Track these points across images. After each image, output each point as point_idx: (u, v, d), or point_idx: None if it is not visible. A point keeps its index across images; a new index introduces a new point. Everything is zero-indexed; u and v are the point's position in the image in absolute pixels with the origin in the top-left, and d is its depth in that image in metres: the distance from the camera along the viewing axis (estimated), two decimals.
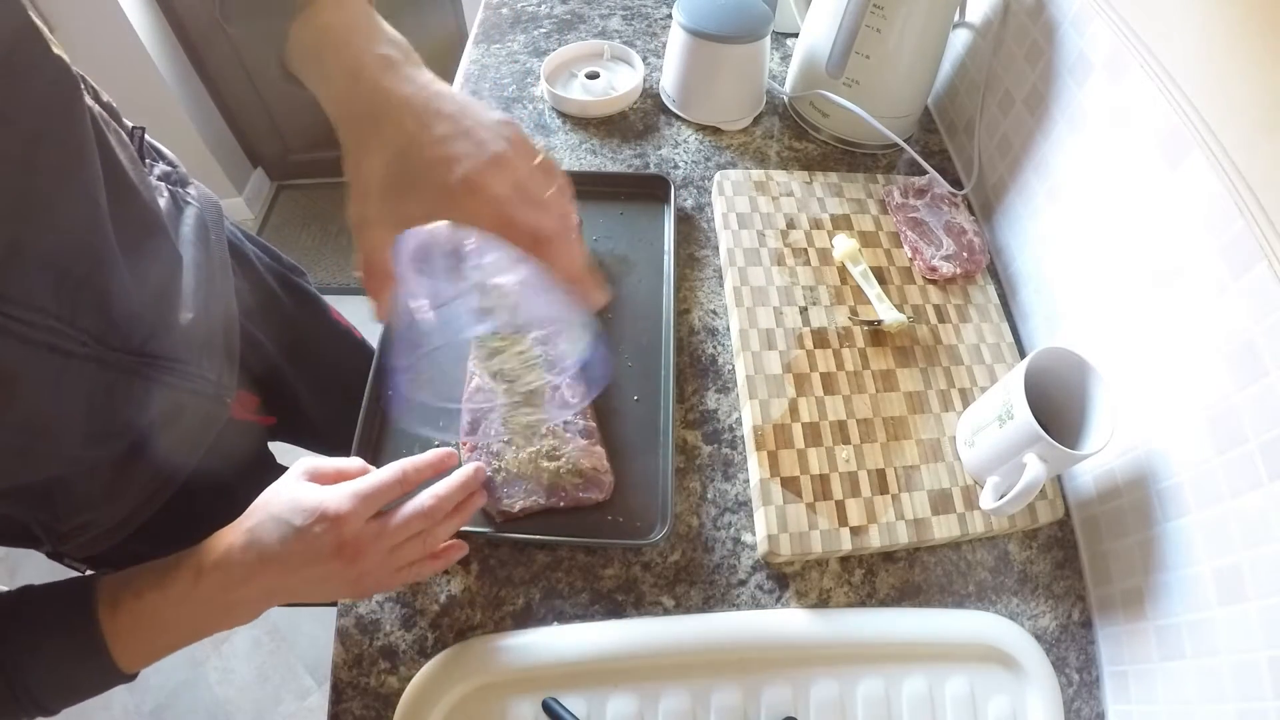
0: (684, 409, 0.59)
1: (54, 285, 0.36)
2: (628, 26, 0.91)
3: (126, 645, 0.37)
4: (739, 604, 0.51)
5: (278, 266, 0.71)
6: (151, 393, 0.45)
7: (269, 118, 1.93)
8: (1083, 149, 0.58)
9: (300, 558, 0.39)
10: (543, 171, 0.37)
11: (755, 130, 0.80)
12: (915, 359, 0.60)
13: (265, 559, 0.39)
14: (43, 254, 0.35)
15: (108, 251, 0.39)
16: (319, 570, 0.40)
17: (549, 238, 0.35)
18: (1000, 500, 0.48)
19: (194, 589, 0.38)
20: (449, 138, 0.34)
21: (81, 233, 0.38)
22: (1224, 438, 0.42)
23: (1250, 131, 0.42)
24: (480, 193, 0.34)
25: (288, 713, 1.31)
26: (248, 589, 0.39)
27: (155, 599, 0.38)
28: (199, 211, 0.54)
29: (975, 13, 0.75)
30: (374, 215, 0.35)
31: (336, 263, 1.99)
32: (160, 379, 0.46)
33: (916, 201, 0.69)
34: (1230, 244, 0.42)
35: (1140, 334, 0.50)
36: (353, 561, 0.40)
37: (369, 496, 0.41)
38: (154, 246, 0.46)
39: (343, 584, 0.42)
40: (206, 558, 0.39)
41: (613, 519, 0.52)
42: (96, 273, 0.39)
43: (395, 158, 0.34)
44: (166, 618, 0.39)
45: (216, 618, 0.40)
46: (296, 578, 0.40)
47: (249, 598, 0.40)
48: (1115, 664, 0.50)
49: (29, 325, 0.35)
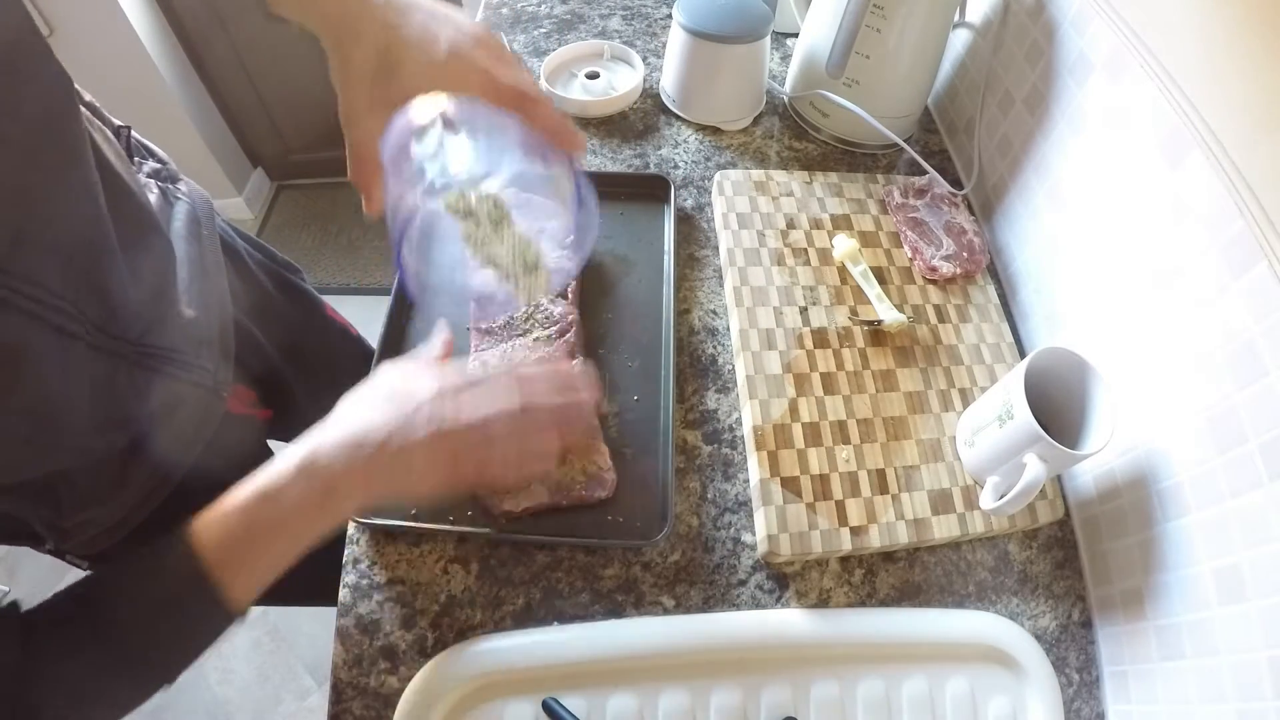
0: (684, 409, 0.59)
1: (60, 270, 0.36)
2: (628, 26, 0.91)
3: (229, 564, 0.35)
4: (739, 604, 0.51)
5: (271, 264, 0.71)
6: (151, 383, 0.45)
7: (269, 118, 1.93)
8: (1083, 149, 0.58)
9: (387, 433, 0.38)
10: (513, 54, 0.42)
11: (755, 130, 0.80)
12: (915, 359, 0.60)
13: (353, 443, 0.38)
14: (47, 243, 0.35)
15: (107, 245, 0.40)
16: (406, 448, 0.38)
17: (531, 96, 0.39)
18: (1000, 500, 0.48)
19: (286, 486, 0.37)
20: (428, 24, 0.38)
21: (82, 226, 0.38)
22: (1224, 438, 0.42)
23: (1250, 131, 0.42)
24: (466, 60, 0.38)
25: (288, 713, 1.31)
26: (341, 481, 0.37)
27: (249, 504, 0.36)
28: (190, 207, 0.54)
29: (975, 13, 0.75)
30: (362, 105, 0.38)
31: (336, 263, 1.99)
32: (159, 369, 0.46)
33: (916, 201, 0.69)
34: (1230, 244, 0.42)
35: (1140, 334, 0.50)
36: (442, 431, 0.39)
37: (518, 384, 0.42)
38: (148, 242, 0.46)
39: (435, 464, 0.39)
40: (292, 456, 0.38)
41: (613, 519, 0.52)
42: (97, 265, 0.39)
43: (381, 48, 0.37)
44: (263, 524, 0.37)
45: (314, 519, 0.38)
46: (387, 461, 0.38)
47: (343, 490, 0.38)
48: (1115, 664, 0.50)
49: (36, 302, 0.35)
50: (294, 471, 0.37)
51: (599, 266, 0.66)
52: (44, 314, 0.36)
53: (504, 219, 0.43)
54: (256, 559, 0.37)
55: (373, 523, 0.51)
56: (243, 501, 0.36)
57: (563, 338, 0.57)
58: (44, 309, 0.36)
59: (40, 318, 0.35)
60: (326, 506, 0.38)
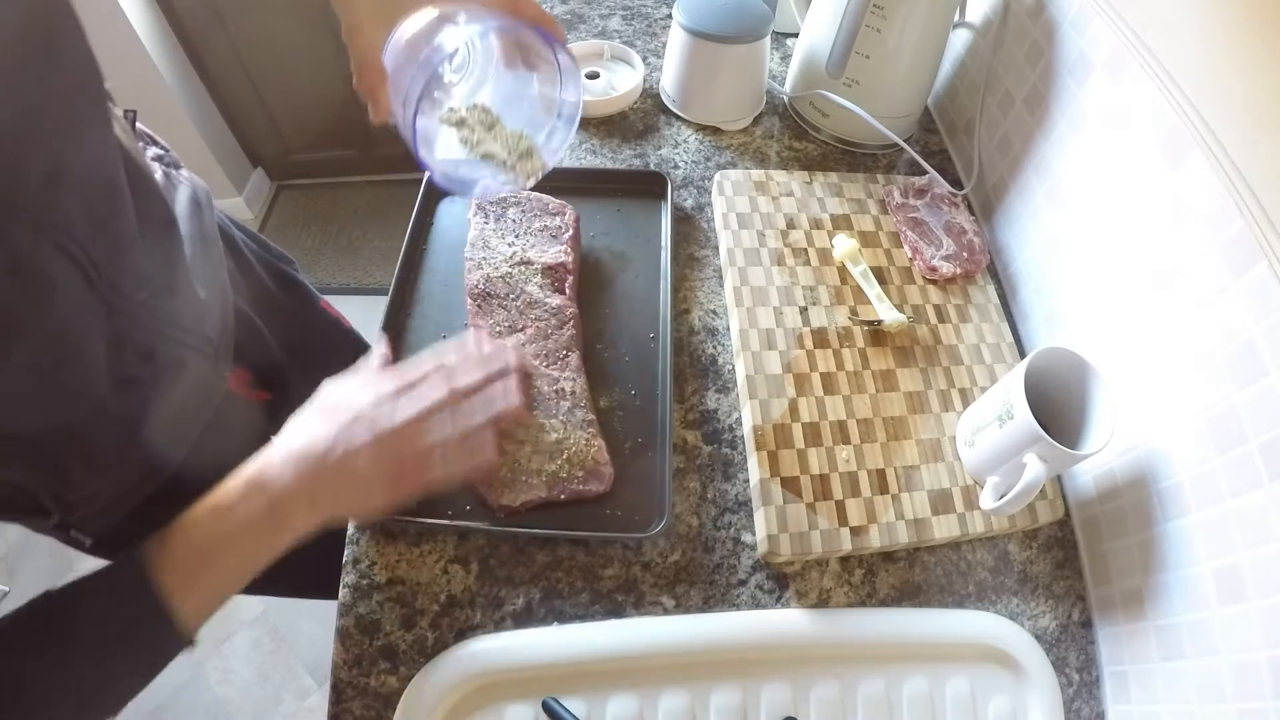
0: (684, 409, 0.59)
1: (83, 218, 0.38)
2: (628, 26, 0.91)
3: (181, 585, 0.37)
4: (739, 604, 0.51)
5: (266, 255, 0.72)
6: (156, 347, 0.47)
7: (269, 118, 1.93)
8: (1083, 149, 0.58)
9: (329, 444, 0.40)
10: None
11: (755, 130, 0.80)
12: (915, 359, 0.60)
13: (297, 457, 0.40)
14: (76, 185, 0.38)
15: (123, 205, 0.43)
16: (348, 456, 0.40)
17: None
18: (1000, 500, 0.48)
19: (236, 502, 0.38)
20: None
21: (104, 183, 0.41)
22: (1224, 438, 0.42)
23: (1250, 131, 0.42)
24: None
25: (288, 713, 1.31)
26: (288, 495, 0.39)
27: (201, 519, 0.38)
28: (192, 190, 0.56)
29: (975, 13, 0.75)
30: (364, 18, 0.41)
31: (336, 263, 1.99)
32: (164, 333, 0.48)
33: (916, 201, 0.69)
34: (1230, 244, 0.42)
35: (1140, 334, 0.50)
36: (381, 436, 0.41)
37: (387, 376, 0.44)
38: (155, 213, 0.49)
39: (379, 471, 0.41)
40: (242, 473, 0.40)
41: (611, 513, 0.52)
42: (114, 221, 0.42)
43: None
44: (214, 540, 0.38)
45: (263, 536, 0.39)
46: (331, 472, 0.40)
47: (291, 505, 0.39)
48: (1115, 664, 0.50)
49: (65, 238, 0.37)
50: (243, 487, 0.39)
51: (596, 262, 0.66)
52: (69, 248, 0.37)
53: (495, 122, 0.51)
54: (209, 577, 0.38)
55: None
56: (195, 517, 0.38)
57: (560, 330, 0.57)
58: (70, 243, 0.37)
59: (66, 251, 0.37)
60: (274, 523, 0.39)
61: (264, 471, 0.40)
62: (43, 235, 0.36)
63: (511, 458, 0.52)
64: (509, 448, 0.52)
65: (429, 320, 0.61)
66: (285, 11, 1.63)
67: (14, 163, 0.34)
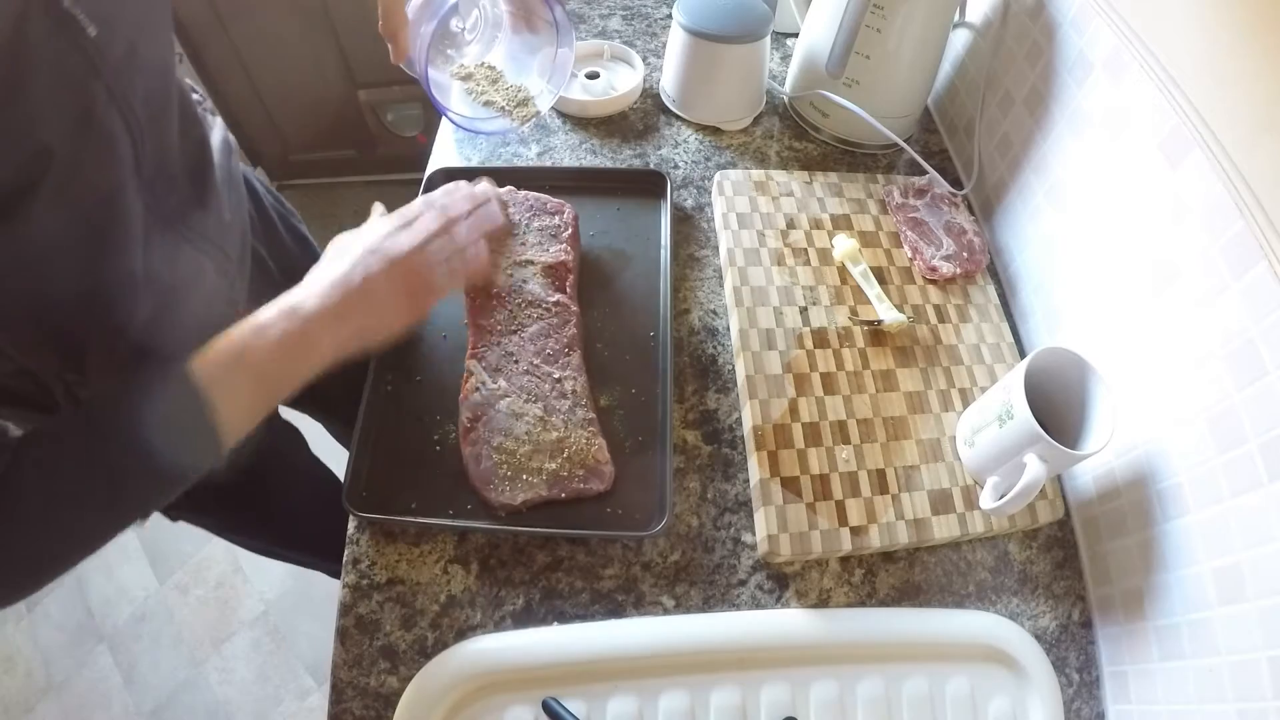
0: (684, 409, 0.59)
1: (144, 98, 0.41)
2: (628, 26, 0.91)
3: (218, 381, 0.39)
4: (739, 604, 0.51)
5: (280, 207, 0.76)
6: (180, 250, 0.50)
7: (269, 118, 1.92)
8: (1083, 149, 0.58)
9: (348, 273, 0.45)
10: None
11: (755, 130, 0.80)
12: (915, 359, 0.60)
13: (325, 286, 0.44)
14: (142, 70, 0.41)
15: (171, 106, 0.47)
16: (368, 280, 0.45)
17: None
18: (1000, 500, 0.48)
19: (273, 322, 0.42)
20: None
21: (162, 77, 0.45)
22: (1224, 438, 0.42)
23: (1250, 131, 0.42)
24: None
25: (288, 713, 1.31)
26: (317, 316, 0.43)
27: (239, 334, 0.41)
28: (223, 133, 0.60)
29: (975, 13, 0.75)
30: None
31: None
32: (190, 239, 0.51)
33: (916, 201, 0.69)
34: (1230, 244, 0.42)
35: (1140, 334, 0.50)
36: (393, 259, 0.46)
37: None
38: (194, 132, 0.53)
39: (395, 289, 0.46)
40: (276, 302, 0.44)
41: (612, 512, 0.52)
42: (163, 116, 0.45)
43: None
44: (251, 350, 0.41)
45: (296, 352, 0.43)
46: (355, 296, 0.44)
47: (320, 325, 0.43)
48: (1115, 664, 0.50)
49: (129, 111, 0.40)
50: (276, 312, 0.43)
51: (596, 261, 0.66)
52: (131, 125, 0.41)
53: (498, 77, 0.64)
54: (245, 386, 0.41)
55: (372, 517, 0.51)
56: (235, 335, 0.42)
57: (561, 329, 0.57)
58: (134, 125, 0.41)
59: (129, 127, 0.40)
60: (305, 341, 0.43)
61: (296, 299, 0.44)
62: (113, 101, 0.39)
63: (513, 456, 0.52)
64: (510, 445, 0.52)
65: (430, 318, 0.61)
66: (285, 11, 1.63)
67: (108, 29, 0.37)
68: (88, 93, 0.37)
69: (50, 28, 0.35)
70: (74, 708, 1.25)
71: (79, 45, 0.36)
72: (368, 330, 0.46)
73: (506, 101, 0.64)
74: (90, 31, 0.36)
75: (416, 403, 0.57)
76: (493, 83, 0.63)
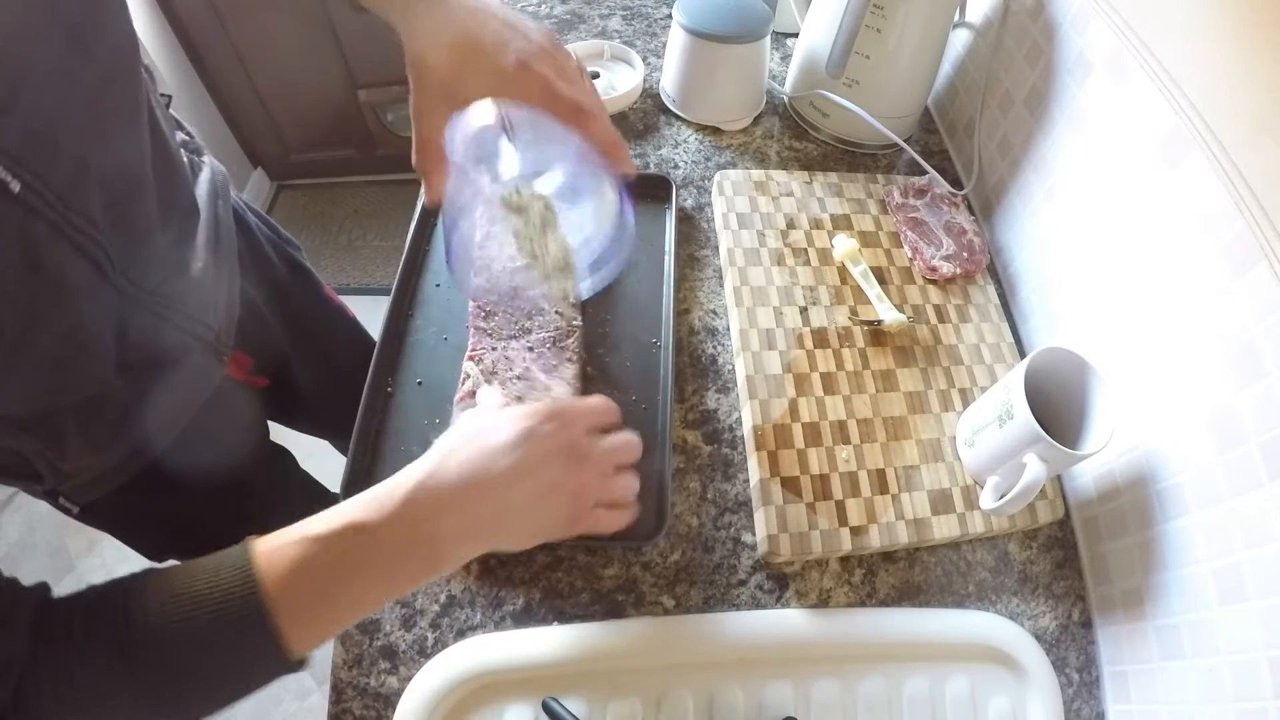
0: (684, 409, 0.59)
1: (104, 208, 0.40)
2: (628, 26, 0.91)
3: (292, 602, 0.32)
4: (739, 604, 0.51)
5: (276, 239, 0.74)
6: (161, 331, 0.48)
7: (269, 118, 1.92)
8: (1083, 149, 0.58)
9: (521, 465, 0.37)
10: (576, 66, 0.44)
11: (755, 130, 0.80)
12: (915, 359, 0.60)
13: (468, 478, 0.36)
14: (101, 179, 0.39)
15: (146, 193, 0.44)
16: (541, 479, 0.38)
17: (588, 111, 0.41)
18: (1000, 500, 0.48)
19: (381, 525, 0.34)
20: (501, 31, 0.40)
21: (131, 168, 0.43)
22: (1224, 438, 0.42)
23: (1250, 131, 0.42)
24: (531, 71, 0.40)
25: (288, 713, 1.31)
26: (447, 518, 0.35)
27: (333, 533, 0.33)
28: (212, 175, 0.58)
29: (975, 13, 0.75)
30: (433, 101, 0.41)
31: (337, 263, 1.99)
32: (168, 319, 0.49)
33: (916, 201, 0.69)
34: (1230, 244, 0.42)
35: (1140, 334, 0.50)
36: (579, 466, 0.39)
37: (586, 407, 0.42)
38: (177, 196, 0.50)
39: (561, 498, 0.39)
40: (387, 492, 0.35)
41: None
42: (135, 207, 0.43)
43: (455, 51, 0.40)
44: (345, 557, 0.33)
45: (406, 564, 0.35)
46: (512, 493, 0.37)
47: (447, 531, 0.35)
48: (1115, 664, 0.50)
49: (83, 235, 0.38)
50: (398, 503, 0.34)
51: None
52: (86, 247, 0.39)
53: (552, 221, 0.44)
54: (327, 602, 0.34)
55: None
56: (326, 530, 0.33)
57: (563, 341, 0.57)
58: (87, 242, 0.39)
59: (83, 250, 0.38)
60: (423, 559, 0.36)
61: (416, 492, 0.36)
62: (59, 234, 0.36)
63: None
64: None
65: (430, 322, 0.61)
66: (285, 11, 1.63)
67: (44, 161, 0.34)
68: (27, 239, 0.34)
69: None
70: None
71: (7, 197, 0.32)
72: (503, 531, 0.39)
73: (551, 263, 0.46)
74: (14, 187, 0.32)
75: (416, 405, 0.57)
76: (544, 227, 0.44)
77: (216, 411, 0.59)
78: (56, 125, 0.34)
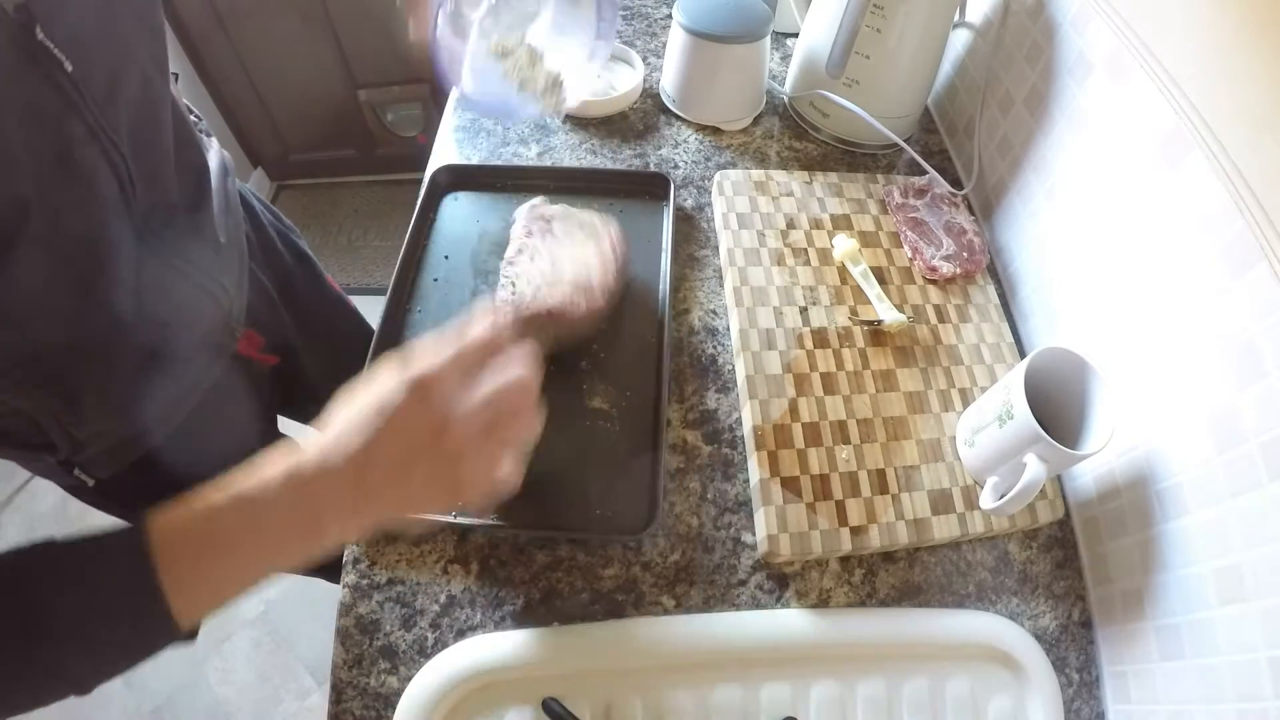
0: (684, 409, 0.59)
1: (130, 133, 0.40)
2: (628, 26, 0.91)
3: (180, 575, 0.31)
4: (739, 604, 0.51)
5: (280, 226, 0.75)
6: (177, 286, 0.48)
7: (269, 118, 1.93)
8: (1083, 149, 0.58)
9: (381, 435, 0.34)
10: None
11: (755, 130, 0.80)
12: (915, 359, 0.60)
13: (347, 448, 0.34)
14: (128, 102, 0.40)
15: (165, 135, 0.45)
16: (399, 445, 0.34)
17: None
18: (1000, 500, 0.48)
19: (265, 490, 0.33)
20: None
21: (151, 106, 0.43)
22: (1224, 438, 0.42)
23: (1250, 131, 0.42)
24: None
25: (288, 713, 1.31)
26: (329, 491, 0.33)
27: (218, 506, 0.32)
28: (220, 156, 0.59)
29: (975, 13, 0.75)
30: None
31: (336, 263, 1.99)
32: (186, 274, 0.49)
33: (916, 201, 0.69)
34: (1230, 244, 0.42)
35: (1140, 334, 0.50)
36: (443, 429, 0.35)
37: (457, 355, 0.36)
38: (191, 158, 0.51)
39: (434, 465, 0.35)
40: (276, 461, 0.34)
41: (602, 514, 0.52)
42: (154, 147, 0.44)
43: None
44: (231, 531, 0.33)
45: (292, 535, 0.34)
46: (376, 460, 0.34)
47: (331, 504, 0.34)
48: (1115, 664, 0.50)
49: (113, 146, 0.39)
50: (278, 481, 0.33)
51: None
52: (115, 160, 0.39)
53: (538, 59, 0.57)
54: (213, 570, 0.33)
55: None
56: (212, 500, 0.33)
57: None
58: (116, 156, 0.39)
59: (111, 162, 0.39)
60: (308, 533, 0.34)
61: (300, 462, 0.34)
62: (94, 138, 0.37)
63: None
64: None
65: (428, 317, 0.61)
66: (285, 11, 1.63)
67: (86, 61, 0.35)
68: (64, 132, 0.35)
69: (21, 62, 0.32)
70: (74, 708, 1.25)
71: (54, 81, 0.34)
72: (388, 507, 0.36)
73: (541, 86, 0.57)
74: (67, 66, 0.33)
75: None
76: (532, 64, 0.55)
77: (229, 390, 0.59)
78: (93, 32, 0.36)
